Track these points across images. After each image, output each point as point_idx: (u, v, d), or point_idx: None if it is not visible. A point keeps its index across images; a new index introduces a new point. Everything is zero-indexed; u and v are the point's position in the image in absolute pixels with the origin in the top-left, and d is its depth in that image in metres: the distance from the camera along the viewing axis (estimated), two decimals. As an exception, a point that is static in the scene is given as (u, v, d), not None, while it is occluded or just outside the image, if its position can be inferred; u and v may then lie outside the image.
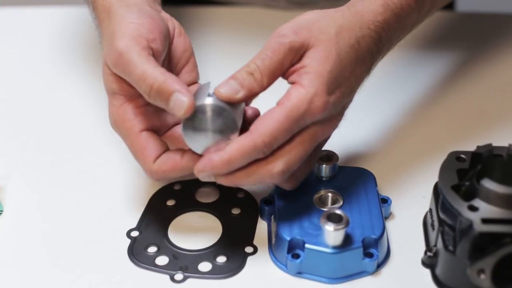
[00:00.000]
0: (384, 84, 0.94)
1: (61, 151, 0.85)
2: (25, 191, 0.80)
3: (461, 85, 0.94)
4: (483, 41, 1.02)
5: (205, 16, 1.06)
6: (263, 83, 0.67)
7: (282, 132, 0.66)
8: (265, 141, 0.66)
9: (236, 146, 0.66)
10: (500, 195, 0.65)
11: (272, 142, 0.66)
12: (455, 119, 0.89)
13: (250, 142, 0.66)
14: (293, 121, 0.66)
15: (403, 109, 0.90)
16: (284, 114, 0.66)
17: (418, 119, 0.89)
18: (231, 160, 0.66)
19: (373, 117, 0.88)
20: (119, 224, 0.76)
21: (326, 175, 0.75)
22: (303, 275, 0.70)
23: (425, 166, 0.81)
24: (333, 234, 0.67)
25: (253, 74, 0.67)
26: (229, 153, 0.66)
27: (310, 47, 0.68)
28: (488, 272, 0.64)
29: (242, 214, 0.76)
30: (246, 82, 0.67)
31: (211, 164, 0.66)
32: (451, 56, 0.99)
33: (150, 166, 0.69)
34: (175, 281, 0.70)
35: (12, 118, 0.91)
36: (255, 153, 0.66)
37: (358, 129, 0.86)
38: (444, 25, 1.05)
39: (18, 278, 0.71)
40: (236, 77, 0.67)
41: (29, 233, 0.75)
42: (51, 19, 1.07)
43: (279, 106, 0.67)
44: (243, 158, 0.66)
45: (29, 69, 0.99)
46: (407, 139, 0.86)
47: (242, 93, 0.67)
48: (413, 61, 0.98)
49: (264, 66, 0.67)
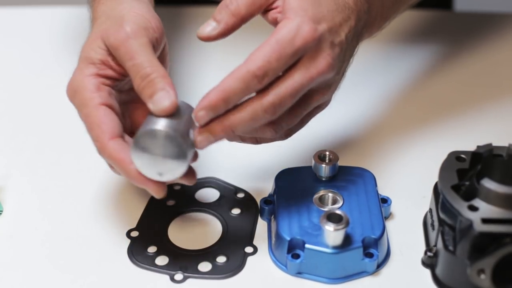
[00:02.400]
0: (384, 85, 0.94)
1: (61, 151, 0.85)
2: (25, 191, 0.80)
3: (461, 84, 0.94)
4: (482, 40, 1.02)
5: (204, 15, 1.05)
6: (240, 12, 0.68)
7: (275, 55, 0.65)
8: (258, 65, 0.65)
9: (230, 76, 0.65)
10: (500, 195, 0.65)
11: (266, 65, 0.65)
12: (455, 119, 0.89)
13: (244, 70, 0.65)
14: (284, 45, 0.65)
15: (403, 109, 0.90)
16: (275, 39, 0.65)
17: (418, 119, 0.89)
18: (228, 90, 0.65)
19: (373, 117, 0.88)
20: (119, 224, 0.76)
21: (326, 175, 0.75)
22: (303, 275, 0.70)
23: (425, 166, 0.81)
24: (333, 234, 0.67)
25: (228, 5, 0.68)
26: (223, 83, 0.65)
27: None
28: (488, 272, 0.64)
29: (242, 214, 0.76)
30: (222, 16, 0.68)
31: (209, 100, 0.65)
32: (451, 56, 0.99)
33: (104, 142, 0.67)
34: (175, 281, 0.70)
35: (12, 118, 0.91)
36: (250, 79, 0.65)
37: (358, 129, 0.86)
38: (443, 24, 1.05)
39: (18, 278, 0.71)
40: (214, 14, 0.68)
41: (29, 233, 0.75)
42: (51, 19, 1.07)
43: (269, 36, 0.66)
44: (239, 86, 0.65)
45: (29, 69, 0.99)
46: (407, 139, 0.86)
47: (219, 29, 0.68)
48: (412, 61, 0.98)
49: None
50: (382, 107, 0.90)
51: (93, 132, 0.67)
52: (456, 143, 0.78)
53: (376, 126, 0.88)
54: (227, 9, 0.68)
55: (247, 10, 0.68)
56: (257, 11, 0.69)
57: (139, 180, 0.66)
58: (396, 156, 0.83)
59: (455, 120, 0.89)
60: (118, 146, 0.67)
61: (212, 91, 0.65)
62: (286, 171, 0.77)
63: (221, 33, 0.68)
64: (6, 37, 1.05)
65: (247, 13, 0.69)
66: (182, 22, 1.03)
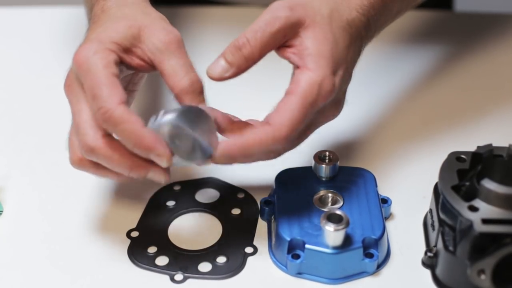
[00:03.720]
0: (384, 85, 0.94)
1: (61, 151, 0.85)
2: (25, 191, 0.80)
3: (461, 85, 0.94)
4: (482, 41, 1.02)
5: (205, 16, 1.06)
6: (254, 57, 0.67)
7: (301, 121, 0.66)
8: (286, 132, 0.65)
9: (257, 139, 0.65)
10: (500, 196, 0.65)
11: (292, 134, 0.66)
12: (455, 119, 0.89)
13: (270, 135, 0.65)
14: (308, 108, 0.66)
15: (403, 109, 0.90)
16: (300, 102, 0.66)
17: (418, 119, 0.89)
18: (250, 151, 0.65)
19: (373, 117, 0.88)
20: (119, 224, 0.76)
21: (326, 175, 0.75)
22: (303, 276, 0.70)
23: (425, 166, 0.81)
24: (333, 234, 0.67)
25: (242, 49, 0.67)
26: (248, 142, 0.65)
27: (306, 27, 0.68)
28: (488, 273, 0.64)
29: (242, 214, 0.76)
30: (235, 59, 0.67)
31: (229, 151, 0.65)
32: (451, 56, 0.99)
33: (114, 104, 0.63)
34: (175, 282, 0.70)
35: (13, 118, 0.91)
36: (274, 146, 0.66)
37: (358, 129, 0.86)
38: (443, 24, 1.05)
39: (18, 278, 0.71)
40: (225, 54, 0.67)
41: (29, 233, 0.75)
42: (52, 19, 1.07)
43: (292, 94, 0.66)
44: (262, 151, 0.66)
45: (30, 69, 0.99)
46: (407, 139, 0.86)
47: (231, 72, 0.67)
48: (413, 61, 0.98)
49: (256, 39, 0.67)
50: (382, 108, 0.90)
51: (103, 93, 0.64)
52: (456, 143, 0.78)
53: (376, 126, 0.88)
54: (240, 53, 0.67)
55: (260, 54, 0.67)
56: (269, 52, 0.69)
57: (150, 144, 0.63)
58: (397, 156, 0.83)
59: (455, 121, 0.89)
60: (129, 110, 0.64)
61: (234, 144, 0.65)
62: (286, 172, 0.77)
63: (233, 76, 0.68)
64: (6, 37, 1.05)
65: (260, 56, 0.68)
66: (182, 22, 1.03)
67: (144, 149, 0.64)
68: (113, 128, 0.64)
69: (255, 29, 0.67)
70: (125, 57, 0.68)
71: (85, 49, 0.67)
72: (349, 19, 0.70)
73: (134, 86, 0.74)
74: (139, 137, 0.63)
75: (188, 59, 0.68)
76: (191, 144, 0.65)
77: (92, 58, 0.66)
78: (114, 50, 0.67)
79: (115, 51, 0.67)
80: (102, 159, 0.66)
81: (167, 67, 0.67)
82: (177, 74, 0.67)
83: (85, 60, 0.66)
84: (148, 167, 0.66)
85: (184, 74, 0.67)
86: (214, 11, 1.07)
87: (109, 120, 0.64)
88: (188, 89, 0.67)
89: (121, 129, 0.64)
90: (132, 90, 0.74)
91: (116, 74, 0.66)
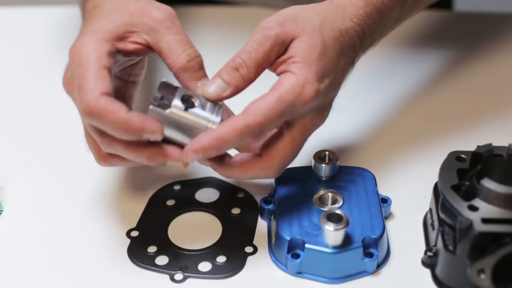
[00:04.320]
0: (384, 84, 0.94)
1: (61, 151, 0.85)
2: (25, 191, 0.80)
3: (461, 84, 0.94)
4: (482, 40, 1.02)
5: (204, 15, 1.06)
6: (250, 77, 0.68)
7: (275, 113, 0.66)
8: (257, 120, 0.65)
9: (228, 125, 0.65)
10: (500, 195, 0.65)
11: (264, 122, 0.66)
12: (455, 119, 0.89)
13: (241, 121, 0.65)
14: (285, 104, 0.66)
15: (403, 109, 0.90)
16: (277, 97, 0.66)
17: (418, 118, 0.89)
18: (222, 139, 0.65)
19: (373, 117, 0.88)
20: (119, 224, 0.76)
21: (326, 175, 0.75)
22: (303, 275, 0.70)
23: (425, 166, 0.81)
24: (333, 234, 0.67)
25: (239, 70, 0.67)
26: (220, 131, 0.65)
27: (295, 37, 0.68)
28: (488, 272, 0.64)
29: (242, 214, 0.76)
30: (233, 80, 0.67)
31: (202, 145, 0.65)
32: (451, 56, 0.99)
33: (96, 97, 0.63)
34: (175, 281, 0.70)
35: (13, 118, 0.91)
36: (247, 133, 0.65)
37: (358, 129, 0.86)
38: (443, 24, 1.05)
39: (18, 278, 0.71)
40: (221, 74, 0.67)
41: (29, 233, 0.75)
42: (52, 19, 1.07)
43: (272, 90, 0.67)
44: (235, 138, 0.65)
45: (29, 69, 0.99)
46: (407, 139, 0.86)
47: (229, 91, 0.67)
48: (413, 61, 0.98)
49: (250, 59, 0.67)
50: (381, 108, 0.90)
51: (88, 85, 0.64)
52: (456, 143, 0.78)
53: (376, 126, 0.88)
54: (237, 74, 0.67)
55: (256, 74, 0.68)
56: (264, 70, 0.69)
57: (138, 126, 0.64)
58: (396, 156, 0.83)
59: (455, 120, 0.89)
60: (110, 100, 0.64)
61: (206, 136, 0.65)
62: (286, 171, 0.77)
63: (231, 95, 0.68)
64: (6, 37, 1.05)
65: (256, 76, 0.68)
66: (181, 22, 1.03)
67: (135, 133, 0.64)
68: (97, 121, 0.64)
69: (249, 50, 0.68)
70: (119, 45, 0.68)
71: (78, 42, 0.67)
72: (342, 29, 0.70)
73: (136, 77, 0.74)
74: (125, 124, 0.64)
75: (184, 34, 0.69)
76: None
77: (84, 50, 0.66)
78: (108, 39, 0.67)
79: (109, 40, 0.67)
80: (120, 152, 0.66)
81: (164, 45, 0.68)
82: (174, 51, 0.67)
83: (78, 53, 0.66)
84: (165, 155, 0.66)
85: (181, 50, 0.68)
86: (213, 11, 1.07)
87: (92, 114, 0.64)
88: (186, 66, 0.67)
89: (106, 120, 0.64)
90: (133, 81, 0.74)
91: (106, 65, 0.66)
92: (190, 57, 0.68)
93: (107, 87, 0.65)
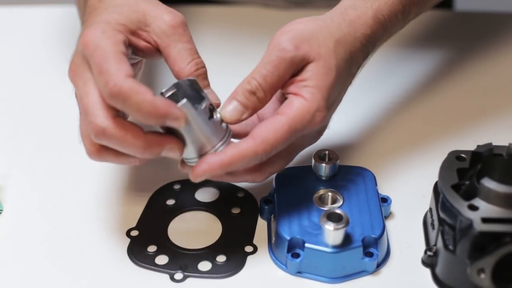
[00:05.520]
0: (383, 84, 0.94)
1: (61, 151, 0.85)
2: (25, 191, 0.80)
3: (461, 84, 0.94)
4: (482, 40, 1.02)
5: (203, 15, 1.06)
6: (266, 100, 0.69)
7: (284, 142, 0.67)
8: (266, 149, 0.66)
9: (237, 151, 0.66)
10: (500, 195, 0.65)
11: (272, 150, 0.67)
12: (455, 118, 0.89)
13: (251, 149, 0.66)
14: (294, 132, 0.67)
15: (403, 108, 0.90)
16: (288, 125, 0.67)
17: (418, 118, 0.89)
18: (230, 164, 0.66)
19: (372, 116, 0.88)
20: (118, 224, 0.76)
21: (326, 174, 0.75)
22: (303, 275, 0.70)
23: (425, 165, 0.81)
24: (333, 233, 0.67)
25: (256, 93, 0.68)
26: (229, 156, 0.66)
27: (310, 61, 0.69)
28: (488, 272, 0.64)
29: (242, 213, 0.76)
30: (250, 103, 0.68)
31: (210, 168, 0.66)
32: (451, 55, 0.99)
33: (122, 78, 0.62)
34: (174, 281, 0.70)
35: (12, 118, 0.91)
36: (254, 160, 0.67)
37: (358, 128, 0.86)
38: (443, 24, 1.05)
39: (18, 277, 0.71)
40: (238, 96, 0.68)
41: (29, 232, 0.75)
42: (52, 19, 1.07)
43: (282, 115, 0.67)
44: (242, 163, 0.66)
45: (30, 68, 0.99)
46: (407, 138, 0.86)
47: (247, 114, 0.68)
48: (412, 60, 0.98)
49: (266, 83, 0.68)
50: (381, 107, 0.90)
51: (111, 67, 0.63)
52: (456, 142, 0.78)
53: (376, 125, 0.88)
54: (254, 97, 0.68)
55: (271, 95, 0.69)
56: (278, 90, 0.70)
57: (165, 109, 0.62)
58: (396, 155, 0.83)
59: (455, 120, 0.89)
60: (137, 82, 0.63)
61: (214, 159, 0.66)
62: (286, 170, 0.77)
63: (247, 118, 0.69)
64: (6, 36, 1.05)
65: (271, 97, 0.69)
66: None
67: (160, 116, 0.62)
68: (123, 103, 0.62)
69: (264, 73, 0.68)
70: (132, 38, 0.68)
71: (92, 30, 0.66)
72: (353, 51, 0.71)
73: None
74: (153, 106, 0.62)
75: (193, 43, 0.69)
76: None
77: (100, 37, 0.65)
78: (122, 31, 0.67)
79: (123, 32, 0.67)
80: (115, 141, 0.64)
81: (174, 51, 0.68)
82: (183, 59, 0.68)
83: (93, 39, 0.65)
84: (162, 144, 0.65)
85: (190, 59, 0.68)
86: (213, 10, 1.07)
87: (118, 95, 0.62)
88: (194, 74, 0.68)
89: (132, 101, 0.62)
90: None
91: (124, 52, 0.65)
92: (198, 66, 0.69)
93: (130, 69, 0.64)
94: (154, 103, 0.62)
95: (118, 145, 0.64)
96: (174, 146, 0.65)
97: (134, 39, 0.68)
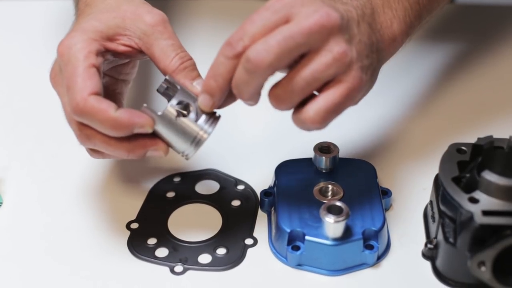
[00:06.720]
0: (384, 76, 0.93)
1: (61, 143, 0.85)
2: (25, 183, 0.80)
3: (462, 77, 0.94)
4: (483, 33, 1.01)
5: (199, 8, 1.06)
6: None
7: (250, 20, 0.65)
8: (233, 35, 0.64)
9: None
10: (500, 187, 0.65)
11: (240, 33, 0.64)
12: (455, 111, 0.89)
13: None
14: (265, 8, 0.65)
15: (404, 101, 0.90)
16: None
17: (419, 111, 0.89)
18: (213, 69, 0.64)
19: (373, 109, 0.88)
20: (118, 216, 0.76)
21: (326, 167, 0.75)
22: (303, 267, 0.70)
23: (426, 158, 0.80)
24: (333, 226, 0.67)
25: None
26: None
27: None
28: (488, 264, 0.64)
29: (242, 206, 0.76)
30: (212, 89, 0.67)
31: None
32: (451, 48, 0.99)
33: (85, 96, 0.64)
34: (175, 273, 0.70)
35: (12, 110, 0.91)
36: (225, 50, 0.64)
37: (359, 121, 0.86)
38: (444, 17, 1.05)
39: (17, 269, 0.71)
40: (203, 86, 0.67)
41: (29, 225, 0.75)
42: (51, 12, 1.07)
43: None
44: (221, 62, 0.64)
45: (29, 61, 0.99)
46: (408, 131, 0.86)
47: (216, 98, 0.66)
48: (413, 53, 0.97)
49: None
50: (381, 100, 0.90)
51: (76, 85, 0.65)
52: (456, 135, 0.78)
53: (377, 118, 0.87)
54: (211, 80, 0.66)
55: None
56: None
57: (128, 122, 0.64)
58: (397, 148, 0.83)
59: (455, 112, 0.88)
60: (99, 99, 0.65)
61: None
62: (286, 163, 0.77)
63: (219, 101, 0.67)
64: (6, 30, 1.05)
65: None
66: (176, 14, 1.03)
67: (125, 128, 0.65)
68: (88, 121, 0.65)
69: None
70: (109, 45, 0.69)
71: (67, 40, 0.67)
72: None
73: (126, 76, 0.74)
74: (115, 121, 0.64)
75: (176, 39, 0.69)
76: None
77: (73, 48, 0.66)
78: (97, 39, 0.68)
79: (98, 40, 0.68)
80: (99, 146, 0.67)
81: (157, 50, 0.68)
82: (167, 55, 0.68)
83: (66, 50, 0.67)
84: (145, 146, 0.66)
85: (173, 54, 0.68)
86: (208, 3, 1.07)
87: (81, 113, 0.65)
88: (180, 68, 0.68)
89: (96, 119, 0.65)
90: (124, 80, 0.74)
91: (95, 64, 0.66)
92: (183, 60, 0.68)
93: (95, 86, 0.65)
94: (116, 119, 0.64)
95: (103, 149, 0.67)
96: (156, 147, 0.67)
97: (111, 45, 0.69)
